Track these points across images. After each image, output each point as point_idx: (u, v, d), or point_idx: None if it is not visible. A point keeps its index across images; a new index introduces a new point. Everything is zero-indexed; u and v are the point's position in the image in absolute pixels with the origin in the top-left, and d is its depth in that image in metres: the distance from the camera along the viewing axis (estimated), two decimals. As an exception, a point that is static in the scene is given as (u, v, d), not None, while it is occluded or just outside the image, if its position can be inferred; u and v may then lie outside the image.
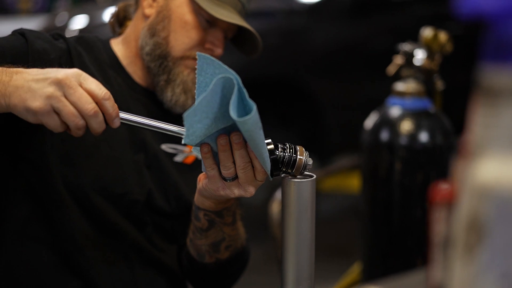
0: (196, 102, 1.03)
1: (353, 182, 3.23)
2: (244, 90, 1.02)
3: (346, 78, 4.05)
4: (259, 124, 1.03)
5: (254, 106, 1.00)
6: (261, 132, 1.05)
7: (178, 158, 1.49)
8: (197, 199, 1.27)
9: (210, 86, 1.02)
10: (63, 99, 1.08)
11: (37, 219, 1.38)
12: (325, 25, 4.00)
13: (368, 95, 3.72)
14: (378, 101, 2.27)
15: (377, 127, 2.07)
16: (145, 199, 1.43)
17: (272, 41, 3.92)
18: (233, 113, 1.00)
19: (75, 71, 1.11)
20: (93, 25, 4.00)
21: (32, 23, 5.08)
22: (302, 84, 3.99)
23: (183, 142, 1.09)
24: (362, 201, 2.15)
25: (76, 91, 1.08)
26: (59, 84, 1.08)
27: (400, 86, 2.08)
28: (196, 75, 1.10)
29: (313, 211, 1.17)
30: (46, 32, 4.48)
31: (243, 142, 1.12)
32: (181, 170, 1.48)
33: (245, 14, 1.50)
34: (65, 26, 4.25)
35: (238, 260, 1.46)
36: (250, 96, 1.03)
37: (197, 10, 1.43)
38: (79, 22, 4.16)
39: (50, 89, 1.08)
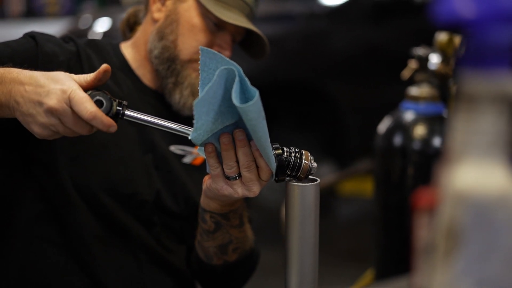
0: (203, 92, 1.03)
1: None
2: (246, 80, 1.03)
3: (366, 82, 4.03)
4: (262, 114, 1.03)
5: (256, 93, 1.00)
6: (264, 123, 1.05)
7: (186, 160, 1.50)
8: (202, 200, 1.28)
9: (214, 75, 1.03)
10: (60, 125, 1.12)
11: (47, 219, 1.40)
12: (346, 28, 3.99)
13: (388, 99, 3.71)
14: (398, 105, 2.26)
15: (390, 132, 2.06)
16: (153, 200, 1.44)
17: (292, 44, 3.92)
18: (235, 101, 1.00)
19: (62, 91, 1.12)
20: (117, 28, 4.03)
21: (57, 26, 5.14)
22: (322, 87, 3.99)
23: (190, 137, 1.10)
24: (375, 206, 2.14)
25: (70, 118, 1.11)
26: (53, 114, 1.11)
27: (414, 90, 2.07)
28: (199, 72, 1.11)
29: (317, 215, 1.17)
30: (70, 35, 4.50)
31: (247, 140, 1.12)
32: (190, 171, 1.49)
33: (253, 17, 1.51)
34: (88, 29, 4.29)
35: (247, 263, 1.47)
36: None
37: (205, 13, 1.44)
38: (103, 24, 4.19)
39: (47, 119, 1.12)
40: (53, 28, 5.02)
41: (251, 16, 1.49)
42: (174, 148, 1.49)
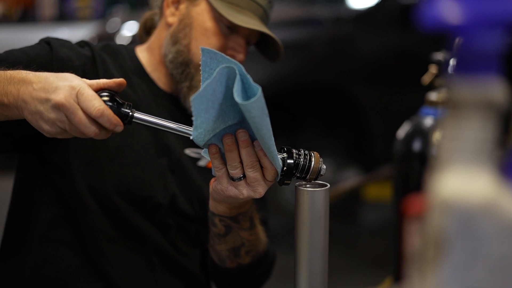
0: (201, 89, 1.03)
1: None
2: (249, 77, 1.02)
3: (392, 87, 4.00)
4: (266, 111, 1.02)
5: (259, 89, 0.99)
6: (268, 120, 1.04)
7: (201, 163, 1.50)
8: (210, 204, 1.28)
9: (213, 74, 1.02)
10: (67, 121, 1.11)
11: (63, 222, 1.41)
12: (372, 33, 3.97)
13: (415, 104, 3.68)
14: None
15: (410, 137, 2.04)
16: (168, 203, 1.45)
17: (319, 49, 3.91)
18: (237, 98, 0.99)
19: (70, 87, 1.11)
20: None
21: (85, 30, 5.20)
22: (348, 92, 3.97)
23: (191, 137, 1.10)
24: (393, 212, 2.12)
25: (76, 115, 1.10)
26: (60, 109, 1.10)
27: (433, 96, 2.05)
28: (201, 71, 1.11)
29: (327, 221, 1.16)
30: (98, 39, 4.53)
31: (250, 140, 1.12)
32: (205, 174, 1.49)
33: (267, 19, 1.50)
34: (116, 33, 4.33)
35: (261, 265, 1.47)
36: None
37: (218, 17, 1.44)
38: (131, 28, 4.23)
39: (54, 115, 1.11)
40: (82, 32, 5.08)
41: (265, 18, 1.48)
42: (189, 151, 1.49)
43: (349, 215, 4.27)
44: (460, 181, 0.55)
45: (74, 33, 5.03)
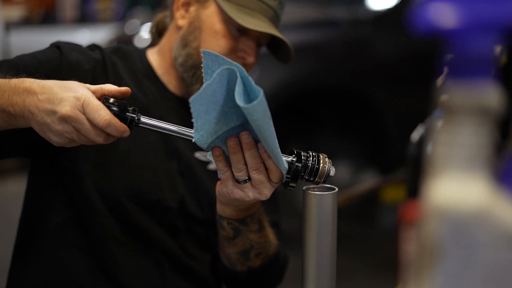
0: (200, 90, 1.02)
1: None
2: (250, 79, 1.01)
3: (410, 89, 3.98)
4: (268, 114, 1.00)
5: (260, 92, 0.98)
6: (271, 123, 1.02)
7: (211, 166, 1.50)
8: (218, 207, 1.28)
9: (214, 75, 1.01)
10: (75, 132, 1.11)
11: (73, 225, 1.42)
12: (390, 34, 3.95)
13: (432, 107, 3.64)
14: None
15: (423, 140, 2.02)
16: (178, 206, 1.45)
17: (336, 50, 3.90)
18: (239, 101, 0.98)
19: (75, 98, 1.10)
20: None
21: (104, 32, 5.23)
22: (366, 94, 3.95)
23: (193, 139, 1.09)
24: (407, 215, 2.10)
25: (84, 125, 1.10)
26: (67, 121, 1.10)
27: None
28: (203, 74, 1.11)
29: (335, 225, 1.14)
30: (117, 40, 4.54)
31: (253, 142, 1.11)
32: (215, 177, 1.48)
33: (278, 20, 1.48)
34: (135, 35, 4.35)
35: (271, 268, 1.46)
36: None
37: (227, 19, 1.43)
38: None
39: (61, 127, 1.10)
40: (102, 33, 5.11)
41: (276, 19, 1.47)
42: (199, 155, 1.49)
43: (366, 218, 4.25)
44: (454, 188, 0.54)
45: (94, 35, 5.05)
